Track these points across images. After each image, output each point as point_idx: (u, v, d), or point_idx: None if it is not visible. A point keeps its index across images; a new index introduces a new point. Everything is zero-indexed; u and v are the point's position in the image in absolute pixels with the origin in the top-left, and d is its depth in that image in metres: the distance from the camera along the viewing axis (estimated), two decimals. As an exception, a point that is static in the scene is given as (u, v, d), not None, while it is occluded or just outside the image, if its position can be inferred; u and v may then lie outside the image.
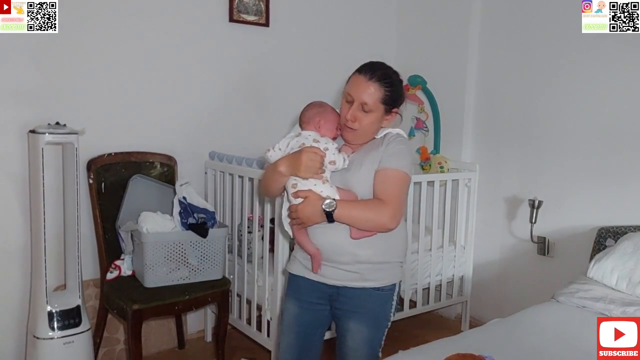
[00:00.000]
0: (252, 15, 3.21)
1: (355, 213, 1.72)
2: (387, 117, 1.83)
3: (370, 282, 1.82)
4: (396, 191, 1.75)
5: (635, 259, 2.40)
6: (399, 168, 1.77)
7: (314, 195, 1.73)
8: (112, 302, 2.61)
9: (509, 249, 3.37)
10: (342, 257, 1.79)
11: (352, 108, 1.76)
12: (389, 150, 1.79)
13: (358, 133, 1.80)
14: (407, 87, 3.48)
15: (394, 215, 1.73)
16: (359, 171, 1.79)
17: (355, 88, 1.77)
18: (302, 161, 1.71)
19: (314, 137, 1.79)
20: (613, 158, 2.85)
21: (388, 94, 1.77)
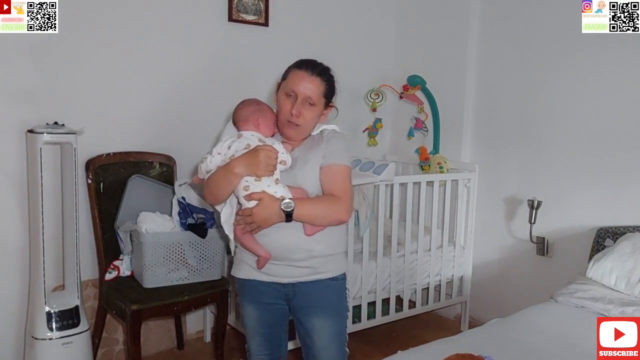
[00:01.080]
0: (251, 15, 3.21)
1: (314, 210, 1.76)
2: (325, 111, 1.87)
3: (323, 273, 1.85)
4: (345, 185, 1.81)
5: (634, 259, 2.40)
6: (343, 163, 1.83)
7: (268, 196, 1.72)
8: (111, 303, 2.61)
9: (508, 249, 3.37)
10: (297, 254, 1.80)
11: (297, 103, 1.79)
12: (330, 146, 1.83)
13: (301, 129, 1.83)
14: (407, 87, 3.49)
15: (348, 208, 1.80)
16: (304, 168, 1.82)
17: (298, 83, 1.80)
18: (260, 160, 1.71)
19: (259, 137, 1.81)
20: (612, 158, 2.85)
21: (328, 87, 1.83)
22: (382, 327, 3.21)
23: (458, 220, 3.47)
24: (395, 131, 3.90)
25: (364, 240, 2.97)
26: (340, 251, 1.92)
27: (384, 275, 3.12)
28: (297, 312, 1.89)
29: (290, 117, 1.80)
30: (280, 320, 1.95)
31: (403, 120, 3.72)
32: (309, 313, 1.87)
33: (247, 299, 1.93)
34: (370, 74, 3.77)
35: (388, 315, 3.17)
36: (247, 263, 1.89)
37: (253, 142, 1.79)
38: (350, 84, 3.66)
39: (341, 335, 1.92)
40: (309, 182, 1.81)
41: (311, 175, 1.81)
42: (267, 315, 1.91)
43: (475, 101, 3.50)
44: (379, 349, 2.92)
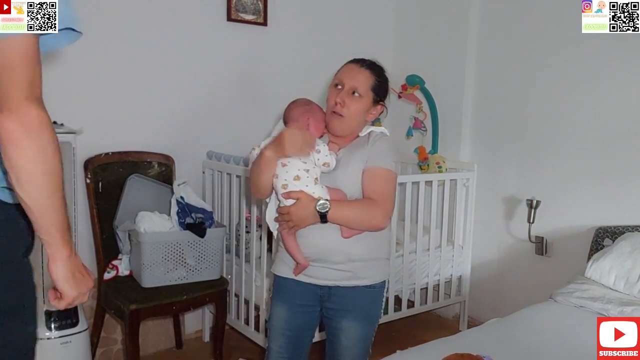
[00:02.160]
0: (250, 15, 3.20)
1: (349, 213, 1.72)
2: (373, 110, 1.83)
3: (362, 280, 1.81)
4: (386, 190, 1.76)
5: (632, 259, 2.41)
6: (387, 167, 1.77)
7: (306, 196, 1.71)
8: (109, 302, 2.61)
9: (506, 248, 3.38)
10: (335, 257, 1.78)
11: (342, 92, 1.78)
12: (375, 148, 1.79)
13: (345, 121, 1.79)
14: (405, 86, 3.49)
15: (386, 214, 1.75)
16: (346, 170, 1.79)
17: (347, 74, 1.80)
18: (285, 138, 1.70)
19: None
20: (611, 158, 2.85)
21: (378, 82, 1.80)
22: (380, 327, 3.16)
23: (457, 219, 3.47)
24: (394, 131, 3.88)
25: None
26: (381, 256, 1.87)
27: (382, 275, 3.12)
28: (328, 312, 1.88)
29: (335, 107, 1.78)
30: (308, 324, 1.92)
31: (402, 119, 3.72)
32: (340, 315, 1.85)
33: (279, 299, 1.91)
34: (369, 74, 3.76)
35: (387, 315, 3.17)
36: (286, 263, 1.87)
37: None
38: (349, 84, 3.67)
39: (367, 340, 1.90)
40: (350, 184, 1.78)
41: (352, 177, 1.78)
42: (296, 317, 1.89)
43: (474, 101, 3.50)
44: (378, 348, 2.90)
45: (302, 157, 1.73)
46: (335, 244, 1.76)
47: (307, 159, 1.74)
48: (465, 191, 3.46)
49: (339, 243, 1.76)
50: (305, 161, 1.73)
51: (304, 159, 1.73)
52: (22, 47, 1.19)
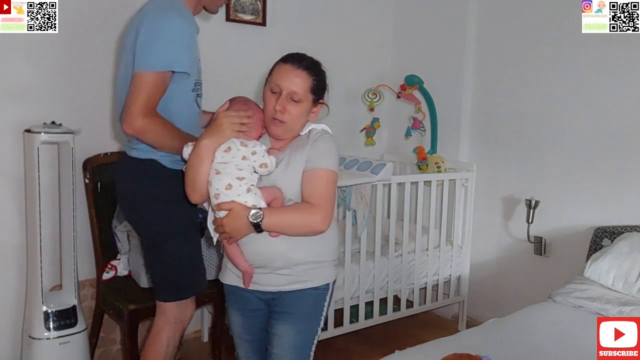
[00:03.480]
0: (249, 15, 3.20)
1: (285, 220, 1.66)
2: (314, 109, 1.77)
3: (304, 282, 1.76)
4: (325, 192, 1.69)
5: (631, 259, 2.41)
6: (326, 167, 1.70)
7: (238, 206, 1.63)
8: (108, 303, 2.60)
9: (505, 248, 3.38)
10: (276, 263, 1.73)
11: (281, 98, 1.69)
12: (315, 148, 1.72)
13: (287, 126, 1.72)
14: (404, 86, 3.49)
15: (325, 217, 1.68)
16: (286, 172, 1.72)
17: (283, 77, 1.70)
18: (221, 123, 1.66)
19: (241, 141, 1.70)
20: (610, 158, 2.86)
21: (316, 82, 1.73)
22: (379, 327, 3.21)
23: (455, 219, 3.47)
24: (392, 131, 3.90)
25: (361, 240, 2.96)
26: (326, 259, 1.81)
27: (381, 275, 3.13)
28: (270, 316, 1.82)
29: (275, 114, 1.70)
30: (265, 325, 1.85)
31: (401, 119, 3.72)
32: (277, 318, 1.79)
33: (232, 304, 1.88)
34: (367, 74, 3.77)
35: (386, 315, 3.17)
36: (231, 270, 1.82)
37: (235, 146, 1.68)
38: (348, 84, 3.67)
39: (302, 349, 1.81)
40: (291, 186, 1.71)
41: (292, 179, 1.71)
42: (252, 321, 1.85)
43: (473, 101, 3.50)
44: (377, 348, 2.92)
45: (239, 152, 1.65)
46: (275, 249, 1.70)
47: (244, 165, 1.66)
48: (464, 191, 3.46)
49: (279, 249, 1.70)
50: (242, 167, 1.66)
51: (239, 165, 1.66)
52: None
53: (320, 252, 1.78)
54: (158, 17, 1.87)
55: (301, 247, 1.73)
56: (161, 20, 1.87)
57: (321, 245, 1.78)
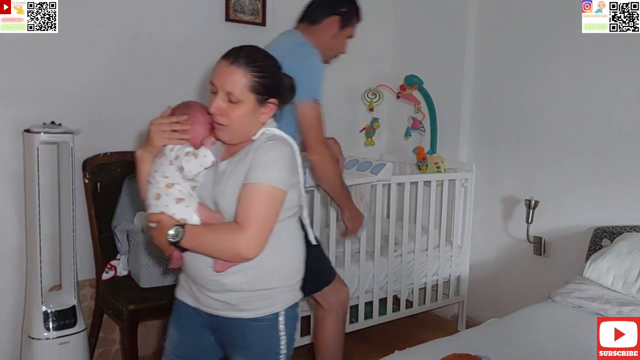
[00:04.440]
0: (248, 15, 3.20)
1: (205, 242, 1.45)
2: (263, 110, 1.53)
3: (244, 312, 1.54)
4: (258, 212, 1.43)
5: (631, 259, 2.41)
6: (264, 182, 1.44)
7: (166, 219, 1.47)
8: (107, 303, 2.60)
9: (505, 249, 3.38)
10: (208, 285, 1.53)
11: (215, 99, 1.50)
12: (256, 158, 1.47)
13: (229, 130, 1.51)
14: (404, 86, 3.49)
15: (253, 242, 1.42)
16: (226, 186, 1.49)
17: (218, 75, 1.52)
18: (150, 130, 1.53)
19: (171, 146, 1.53)
20: (609, 158, 2.86)
21: (257, 80, 1.50)
22: (379, 327, 3.21)
23: (455, 220, 3.47)
24: (392, 131, 3.90)
25: (361, 240, 2.96)
26: (274, 286, 1.55)
27: (381, 275, 3.13)
28: (221, 345, 1.65)
29: (215, 117, 1.51)
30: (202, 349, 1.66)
31: (400, 120, 3.72)
32: (229, 351, 1.62)
33: (173, 321, 1.70)
34: (367, 74, 3.77)
35: (385, 315, 3.17)
36: (183, 285, 1.67)
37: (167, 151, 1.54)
38: (348, 84, 3.67)
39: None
40: (229, 203, 1.48)
41: (230, 194, 1.47)
42: (187, 340, 1.66)
43: (473, 101, 3.50)
44: (376, 348, 2.92)
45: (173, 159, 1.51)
46: (205, 271, 1.51)
47: (170, 172, 1.50)
48: (464, 191, 3.46)
49: (210, 270, 1.49)
50: (168, 175, 1.50)
51: (165, 173, 1.50)
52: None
53: (264, 279, 1.53)
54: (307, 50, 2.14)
55: (238, 271, 1.49)
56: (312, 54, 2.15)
57: (268, 270, 1.53)
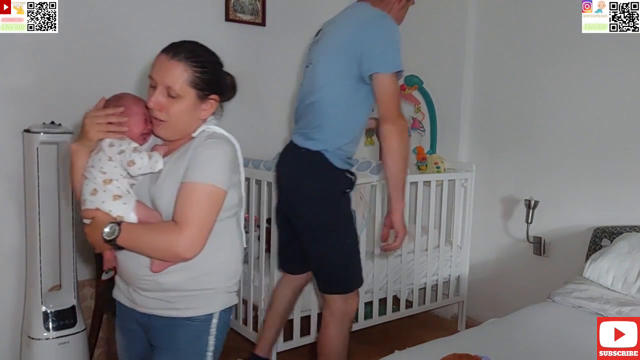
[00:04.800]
0: (248, 15, 3.20)
1: (141, 241, 1.40)
2: (203, 106, 1.50)
3: (179, 310, 1.49)
4: (197, 212, 1.39)
5: (630, 259, 2.41)
6: (204, 181, 1.40)
7: (101, 215, 1.42)
8: (107, 303, 2.60)
9: (505, 249, 3.38)
10: (144, 284, 1.48)
11: (154, 93, 1.44)
12: (196, 156, 1.43)
13: (168, 126, 1.47)
14: (404, 86, 3.49)
15: (192, 242, 1.38)
16: (163, 185, 1.45)
17: (157, 69, 1.45)
18: (85, 123, 1.45)
19: (110, 142, 1.47)
20: (609, 158, 2.86)
21: (198, 75, 1.46)
22: (379, 327, 3.21)
23: (455, 220, 3.47)
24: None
25: (361, 240, 2.96)
26: (212, 287, 1.52)
27: (381, 275, 3.13)
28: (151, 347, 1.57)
29: (153, 111, 1.46)
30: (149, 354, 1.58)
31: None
32: (157, 353, 1.54)
33: (117, 323, 1.65)
34: (367, 74, 3.76)
35: (385, 315, 3.17)
36: (119, 286, 1.61)
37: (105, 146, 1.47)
38: (348, 84, 3.67)
39: None
40: (167, 202, 1.43)
41: (168, 192, 1.43)
42: (131, 344, 1.62)
43: (473, 101, 3.50)
44: (376, 348, 2.92)
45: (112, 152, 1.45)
46: (141, 271, 1.46)
47: (109, 167, 1.45)
48: (464, 191, 3.46)
49: (146, 269, 1.45)
50: (106, 171, 1.44)
51: (104, 168, 1.44)
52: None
53: (204, 279, 1.50)
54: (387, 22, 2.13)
55: (176, 270, 1.45)
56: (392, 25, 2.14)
57: (206, 270, 1.50)
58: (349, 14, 2.24)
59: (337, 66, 2.11)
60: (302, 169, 2.16)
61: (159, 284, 1.46)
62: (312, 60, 2.21)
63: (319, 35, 2.29)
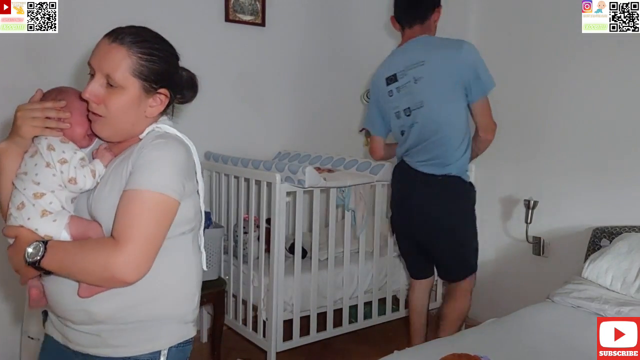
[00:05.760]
0: (248, 15, 3.20)
1: (71, 261, 1.14)
2: (151, 102, 1.27)
3: (115, 348, 1.24)
4: (140, 225, 1.14)
5: (629, 259, 2.41)
6: (150, 188, 1.16)
7: (26, 234, 1.18)
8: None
9: (504, 249, 3.38)
10: (74, 316, 1.23)
11: (91, 83, 1.22)
12: (141, 158, 1.19)
13: (107, 122, 1.24)
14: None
15: (132, 262, 1.12)
16: (102, 192, 1.22)
17: (96, 55, 1.22)
18: (16, 117, 1.24)
19: (49, 143, 1.24)
20: (609, 159, 2.86)
21: (144, 63, 1.22)
22: (378, 327, 3.21)
23: (454, 220, 3.47)
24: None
25: (360, 240, 2.97)
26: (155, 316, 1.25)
27: (380, 275, 3.13)
28: None
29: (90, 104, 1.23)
30: None
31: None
32: None
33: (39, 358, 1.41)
34: (366, 74, 3.76)
35: (384, 315, 3.17)
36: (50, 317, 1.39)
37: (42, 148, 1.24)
38: (347, 84, 3.68)
39: None
40: (107, 214, 1.19)
41: (109, 202, 1.19)
42: None
43: (472, 101, 3.50)
44: (376, 349, 2.92)
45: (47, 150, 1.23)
46: (69, 299, 1.21)
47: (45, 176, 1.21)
48: (463, 192, 3.46)
49: (75, 298, 1.19)
50: (40, 181, 1.21)
51: (38, 177, 1.21)
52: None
53: (147, 307, 1.24)
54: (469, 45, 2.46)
55: (109, 297, 1.19)
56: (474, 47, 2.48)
57: (148, 296, 1.23)
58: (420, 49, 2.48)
59: (454, 104, 2.43)
60: (446, 192, 2.50)
61: (91, 315, 1.21)
62: (421, 103, 2.43)
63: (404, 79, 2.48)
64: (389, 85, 2.54)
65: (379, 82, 2.60)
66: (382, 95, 2.58)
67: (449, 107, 2.42)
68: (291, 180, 2.61)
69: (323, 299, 2.87)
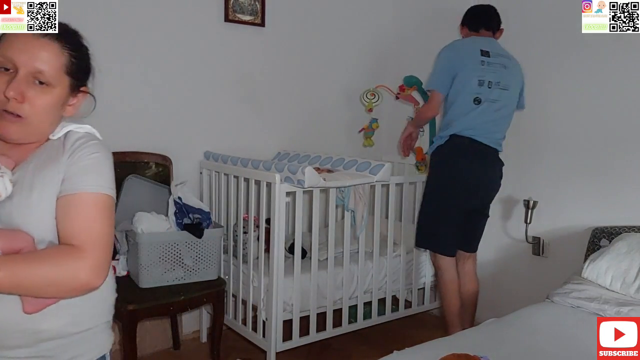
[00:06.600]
0: (247, 15, 3.20)
1: (29, 276, 1.04)
2: (72, 100, 1.24)
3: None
4: (97, 228, 1.13)
5: (629, 259, 2.41)
6: (99, 190, 1.15)
7: None
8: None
9: (503, 249, 3.38)
10: (16, 340, 1.12)
11: (16, 79, 1.10)
12: (77, 162, 1.17)
13: (27, 124, 1.14)
14: (403, 87, 3.49)
15: (98, 265, 1.11)
16: (29, 199, 1.13)
17: (19, 49, 1.11)
18: None
19: None
20: (608, 159, 2.86)
21: (75, 61, 1.19)
22: (378, 327, 3.22)
23: (454, 220, 3.47)
24: (391, 131, 3.90)
25: (360, 240, 2.97)
26: (98, 323, 1.25)
27: (380, 275, 3.13)
28: None
29: (6, 104, 1.11)
30: None
31: (399, 120, 3.72)
32: None
33: None
34: (366, 74, 3.77)
35: (384, 315, 3.18)
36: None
37: None
38: (347, 85, 3.68)
39: None
40: (37, 221, 1.13)
41: (42, 211, 1.13)
42: None
43: (472, 101, 3.50)
44: (375, 349, 2.92)
45: None
46: (12, 320, 1.11)
47: None
48: (463, 192, 3.46)
49: (19, 318, 1.11)
50: None
51: None
52: None
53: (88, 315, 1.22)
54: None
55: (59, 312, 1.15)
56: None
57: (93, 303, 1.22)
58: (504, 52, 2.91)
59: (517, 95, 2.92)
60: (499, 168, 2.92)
61: (38, 334, 1.13)
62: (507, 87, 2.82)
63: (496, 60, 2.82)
64: (483, 57, 2.78)
65: (471, 50, 2.79)
66: (472, 61, 2.76)
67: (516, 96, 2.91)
68: (291, 181, 2.61)
69: (323, 299, 2.87)
